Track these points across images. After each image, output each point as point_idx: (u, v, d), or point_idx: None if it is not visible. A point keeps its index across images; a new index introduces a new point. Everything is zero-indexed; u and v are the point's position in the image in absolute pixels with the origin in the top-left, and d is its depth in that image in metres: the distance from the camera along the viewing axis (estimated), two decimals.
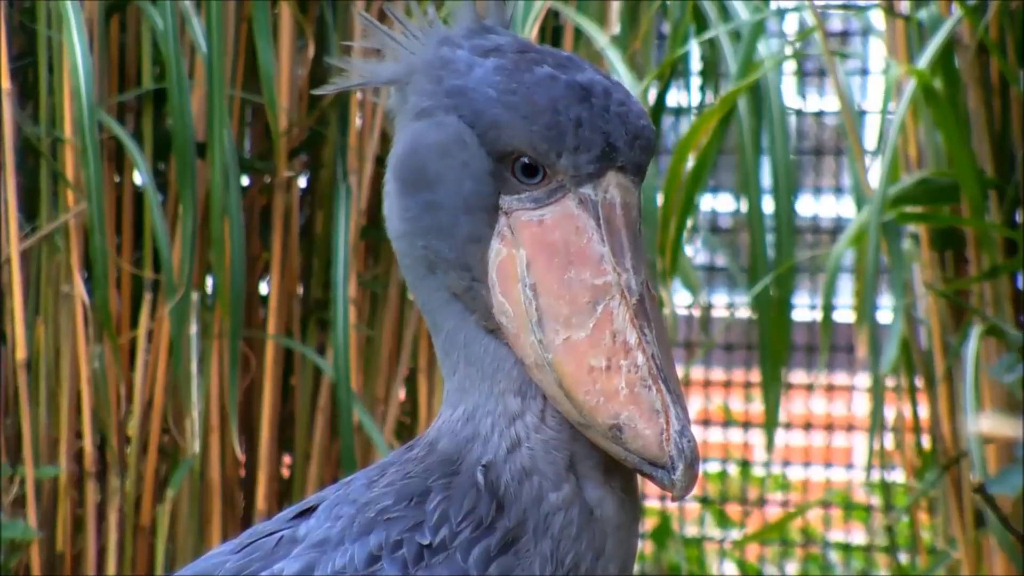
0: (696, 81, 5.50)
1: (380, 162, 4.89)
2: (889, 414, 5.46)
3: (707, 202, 7.96)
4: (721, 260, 8.13)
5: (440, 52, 2.03)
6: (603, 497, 1.97)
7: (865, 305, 4.35)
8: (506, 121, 1.96)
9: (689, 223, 4.60)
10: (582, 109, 1.95)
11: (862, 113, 6.74)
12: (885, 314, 5.19)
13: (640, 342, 1.91)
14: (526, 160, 1.97)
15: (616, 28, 5.01)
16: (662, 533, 7.90)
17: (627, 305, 1.92)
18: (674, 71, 4.81)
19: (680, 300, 7.18)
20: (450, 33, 2.05)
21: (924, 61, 4.30)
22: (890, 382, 5.06)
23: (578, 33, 4.81)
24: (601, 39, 4.55)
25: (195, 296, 4.59)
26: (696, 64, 5.53)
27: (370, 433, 4.64)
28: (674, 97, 7.42)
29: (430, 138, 2.01)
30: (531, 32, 4.38)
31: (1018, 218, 4.52)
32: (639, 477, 2.00)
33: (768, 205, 4.69)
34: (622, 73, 4.44)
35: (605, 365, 1.90)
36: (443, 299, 2.03)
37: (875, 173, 4.75)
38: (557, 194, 1.97)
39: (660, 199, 4.56)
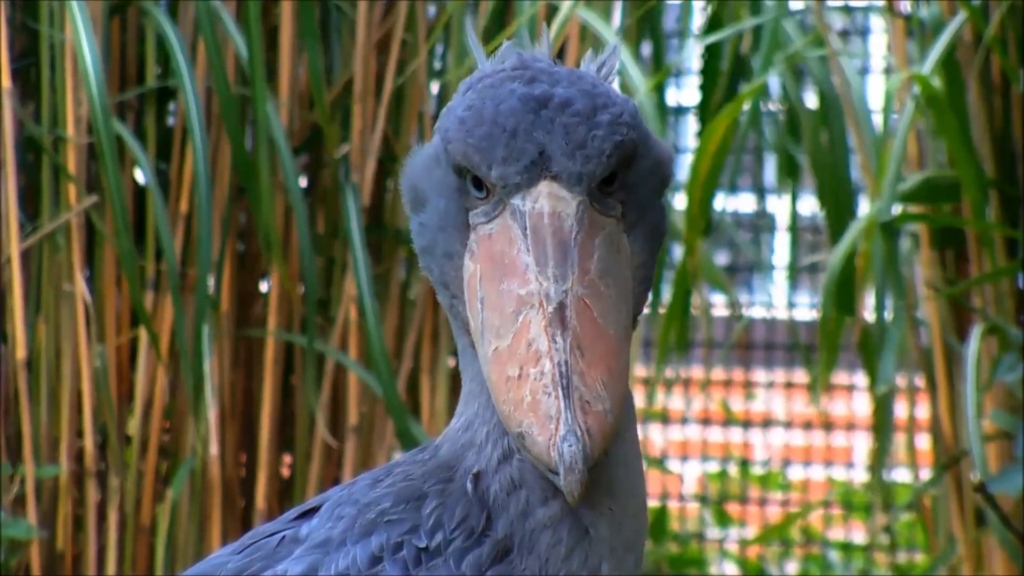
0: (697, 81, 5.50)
1: (382, 162, 4.89)
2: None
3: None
4: (721, 259, 8.13)
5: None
6: (598, 516, 1.96)
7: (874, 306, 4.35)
8: (456, 136, 1.96)
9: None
10: (523, 120, 1.93)
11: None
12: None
13: (549, 349, 1.87)
14: (475, 174, 1.96)
15: (616, 22, 5.01)
16: (659, 531, 7.91)
17: (543, 314, 1.89)
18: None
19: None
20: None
21: (928, 66, 4.29)
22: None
23: (583, 32, 4.81)
24: (609, 34, 4.54)
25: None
26: (695, 64, 5.53)
27: (418, 437, 4.63)
28: (673, 96, 7.43)
29: (422, 158, 2.04)
30: (555, 35, 4.38)
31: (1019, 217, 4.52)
32: (646, 498, 2.00)
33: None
34: (630, 69, 4.43)
35: (518, 374, 1.88)
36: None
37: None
38: (499, 206, 1.95)
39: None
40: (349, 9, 4.86)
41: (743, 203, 7.91)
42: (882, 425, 4.66)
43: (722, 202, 6.99)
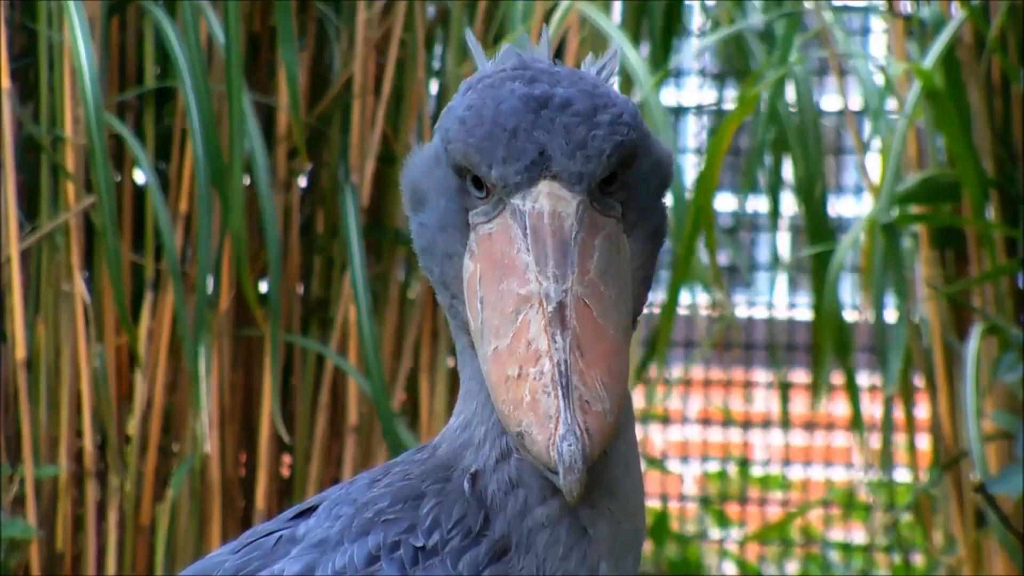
0: (696, 81, 5.49)
1: (382, 161, 4.89)
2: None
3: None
4: (721, 259, 8.13)
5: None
6: (597, 516, 1.96)
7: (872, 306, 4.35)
8: (456, 136, 1.96)
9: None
10: (523, 120, 1.93)
11: (861, 112, 6.74)
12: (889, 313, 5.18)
13: (549, 349, 1.88)
14: (475, 174, 1.96)
15: (617, 19, 5.01)
16: (660, 531, 7.91)
17: (543, 313, 1.89)
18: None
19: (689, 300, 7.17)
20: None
21: (928, 61, 4.29)
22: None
23: (583, 29, 4.81)
24: (613, 31, 4.53)
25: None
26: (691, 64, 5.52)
27: (406, 443, 4.63)
28: (673, 96, 7.43)
29: (422, 158, 2.04)
30: (554, 33, 4.38)
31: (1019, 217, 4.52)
32: (644, 499, 2.01)
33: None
34: (635, 64, 4.42)
35: (517, 374, 1.88)
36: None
37: (874, 172, 4.74)
38: (499, 206, 1.96)
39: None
40: (346, 15, 4.86)
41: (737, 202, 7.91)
42: (883, 423, 4.66)
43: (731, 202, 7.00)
